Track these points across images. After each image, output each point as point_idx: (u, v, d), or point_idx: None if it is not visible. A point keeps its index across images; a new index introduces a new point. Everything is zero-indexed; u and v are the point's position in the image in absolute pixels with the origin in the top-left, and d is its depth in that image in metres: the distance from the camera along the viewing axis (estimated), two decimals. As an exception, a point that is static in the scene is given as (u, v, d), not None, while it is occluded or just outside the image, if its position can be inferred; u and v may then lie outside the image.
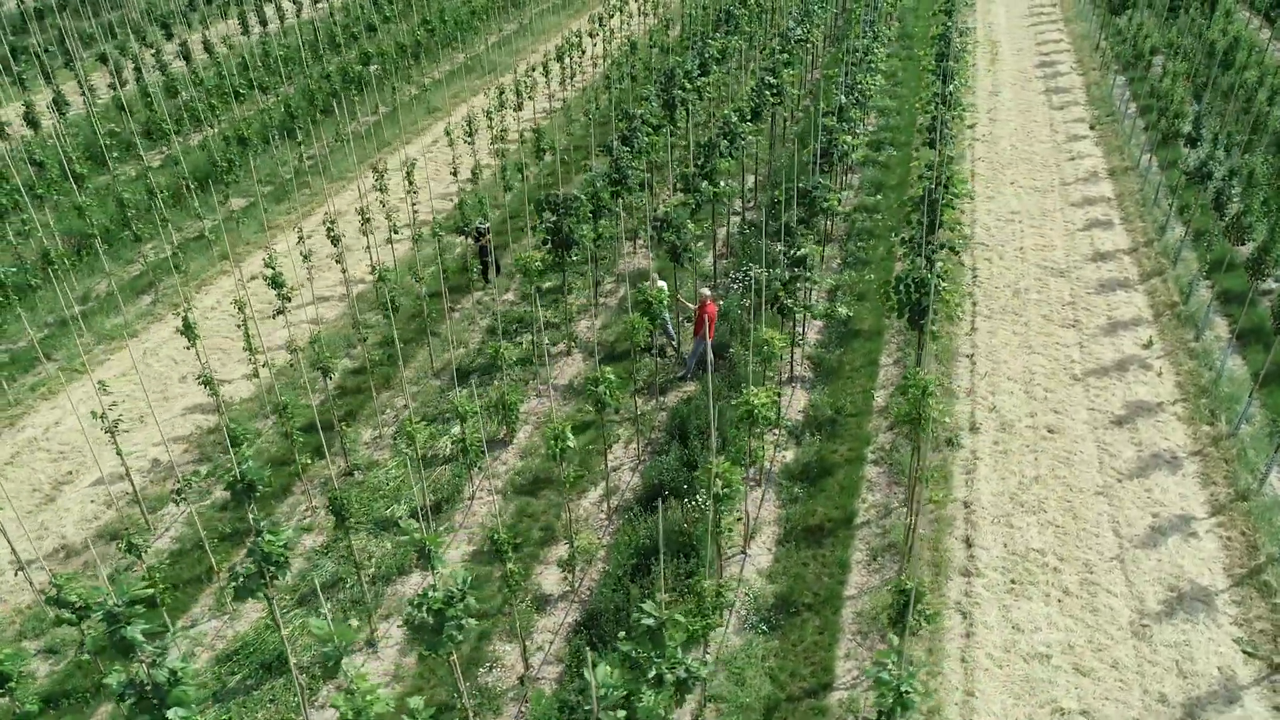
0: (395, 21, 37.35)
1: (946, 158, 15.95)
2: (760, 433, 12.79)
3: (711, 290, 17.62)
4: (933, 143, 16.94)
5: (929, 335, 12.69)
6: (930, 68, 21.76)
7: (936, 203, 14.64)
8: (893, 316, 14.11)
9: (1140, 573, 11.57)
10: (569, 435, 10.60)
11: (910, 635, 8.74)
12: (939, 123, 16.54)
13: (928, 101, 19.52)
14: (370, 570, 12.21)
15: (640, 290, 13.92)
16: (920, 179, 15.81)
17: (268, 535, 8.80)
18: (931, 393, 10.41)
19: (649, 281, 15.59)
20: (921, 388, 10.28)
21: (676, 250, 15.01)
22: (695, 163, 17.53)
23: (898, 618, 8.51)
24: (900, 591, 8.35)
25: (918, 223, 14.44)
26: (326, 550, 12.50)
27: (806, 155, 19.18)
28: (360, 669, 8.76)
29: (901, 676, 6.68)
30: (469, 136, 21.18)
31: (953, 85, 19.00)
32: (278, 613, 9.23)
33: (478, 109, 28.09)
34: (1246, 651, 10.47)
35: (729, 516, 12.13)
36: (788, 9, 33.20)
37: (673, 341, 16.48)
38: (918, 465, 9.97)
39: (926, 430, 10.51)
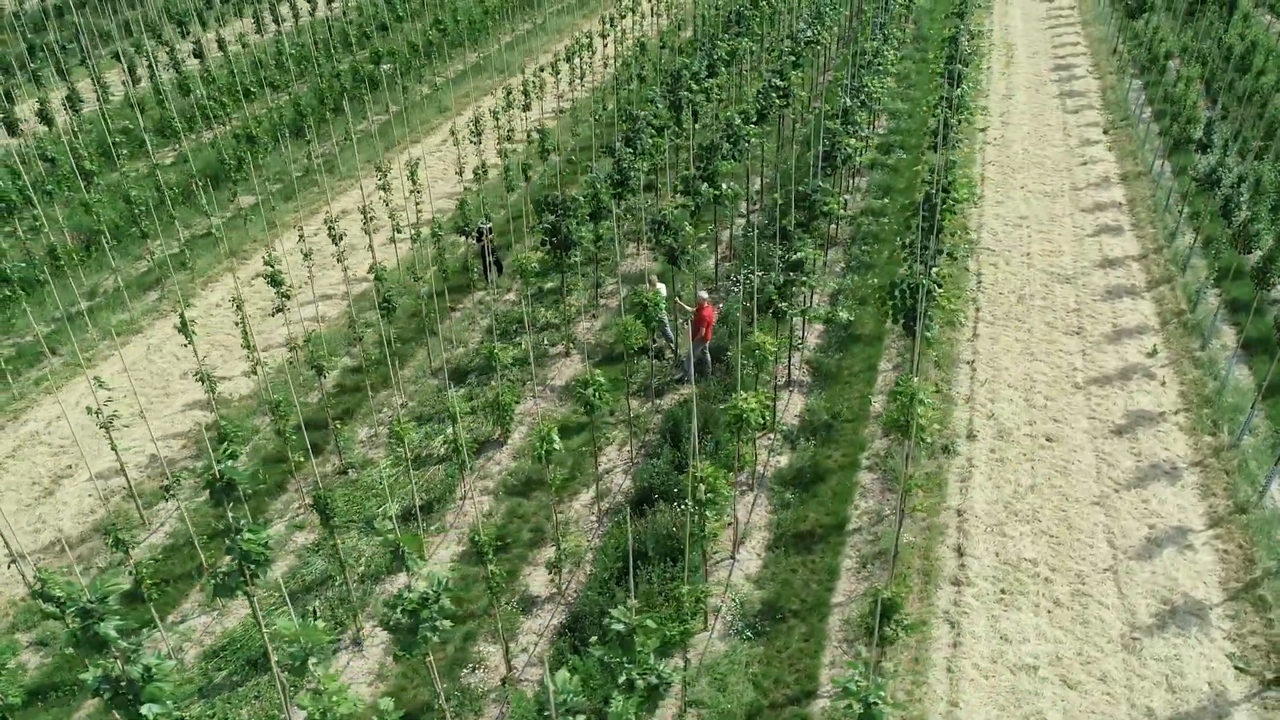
0: (408, 21, 37.51)
1: (950, 162, 15.79)
2: (750, 437, 12.70)
3: (710, 293, 17.56)
4: (938, 146, 16.80)
5: (924, 341, 12.57)
6: (939, 71, 21.60)
7: (937, 208, 14.52)
8: (887, 321, 14.01)
9: (1133, 585, 11.42)
10: (555, 437, 10.59)
11: (887, 645, 8.66)
12: (942, 126, 16.40)
13: (934, 105, 19.37)
14: (360, 569, 12.26)
15: (636, 293, 13.90)
16: (923, 184, 15.68)
17: (247, 534, 8.86)
18: (921, 400, 10.32)
19: (647, 284, 15.56)
20: (910, 395, 10.19)
21: (674, 252, 14.96)
22: (697, 165, 17.48)
23: (873, 628, 8.42)
24: (876, 601, 8.27)
25: (917, 228, 14.33)
26: (317, 548, 12.57)
27: (812, 158, 19.08)
28: (328, 669, 8.79)
29: (869, 687, 6.62)
30: (475, 136, 21.23)
31: (959, 89, 18.83)
32: (259, 611, 9.27)
33: (488, 109, 28.14)
34: (1238, 667, 10.30)
35: (715, 522, 12.05)
36: (800, 11, 33.05)
37: (671, 344, 16.44)
38: (905, 473, 9.87)
39: (915, 437, 10.43)
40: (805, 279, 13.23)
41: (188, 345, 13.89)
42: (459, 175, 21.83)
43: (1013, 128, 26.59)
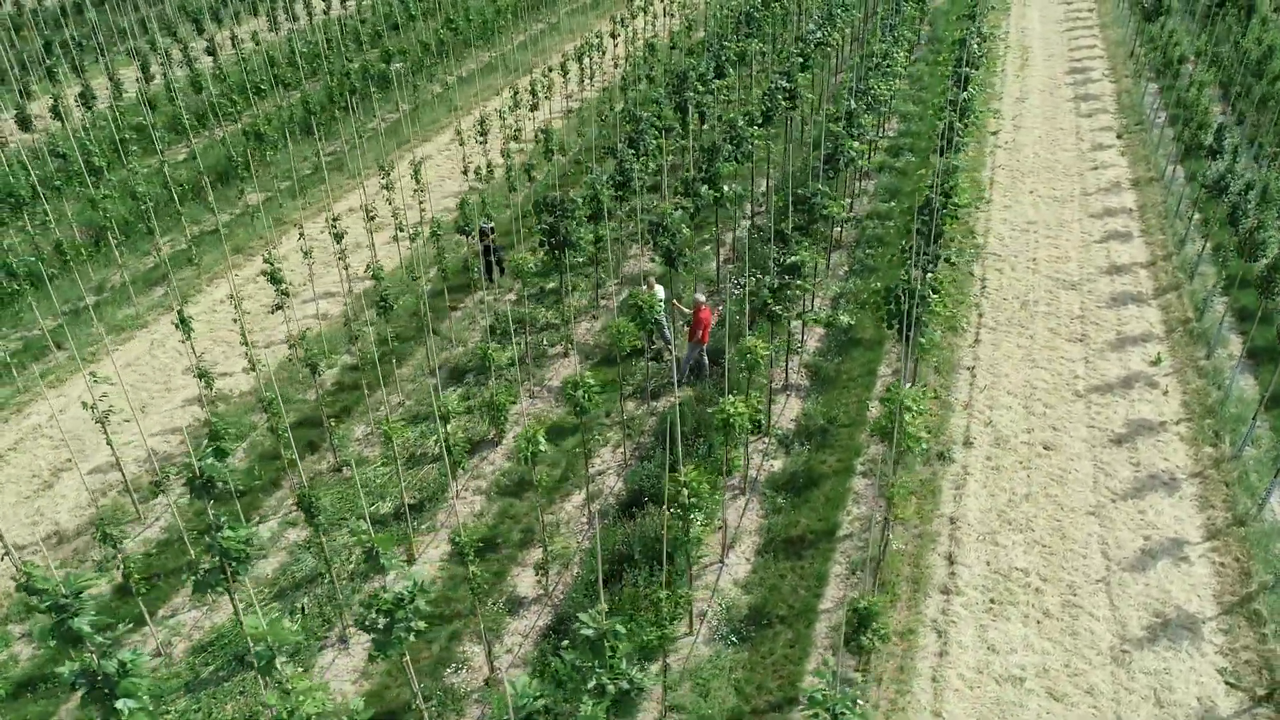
0: (420, 20, 37.65)
1: (953, 166, 15.65)
2: (738, 441, 12.66)
3: (710, 296, 17.51)
4: (943, 150, 16.67)
5: (918, 347, 12.48)
6: (947, 73, 21.44)
7: (937, 212, 14.40)
8: (883, 326, 13.90)
9: (1126, 597, 11.27)
10: (541, 439, 10.58)
11: (864, 654, 8.60)
12: (947, 129, 16.27)
13: (939, 108, 19.22)
14: (350, 566, 12.31)
15: (632, 295, 13.87)
16: (928, 188, 15.55)
17: (227, 531, 8.92)
18: (909, 407, 10.24)
19: (645, 286, 15.53)
20: (898, 402, 10.11)
21: (672, 254, 14.93)
22: (698, 167, 17.43)
23: (850, 636, 8.37)
24: (852, 610, 8.21)
25: (917, 233, 14.22)
26: (308, 545, 12.63)
27: (817, 161, 18.96)
28: (313, 667, 8.78)
29: (836, 697, 6.56)
30: (481, 136, 21.27)
31: (966, 92, 18.66)
32: (239, 608, 9.34)
33: (498, 108, 28.19)
34: (1229, 683, 10.15)
35: (700, 527, 12.00)
36: (812, 12, 32.88)
37: (670, 346, 16.40)
38: (891, 480, 9.80)
39: (902, 444, 10.34)
40: (800, 283, 13.13)
41: (185, 341, 13.97)
42: (465, 174, 21.87)
43: (1024, 131, 26.34)
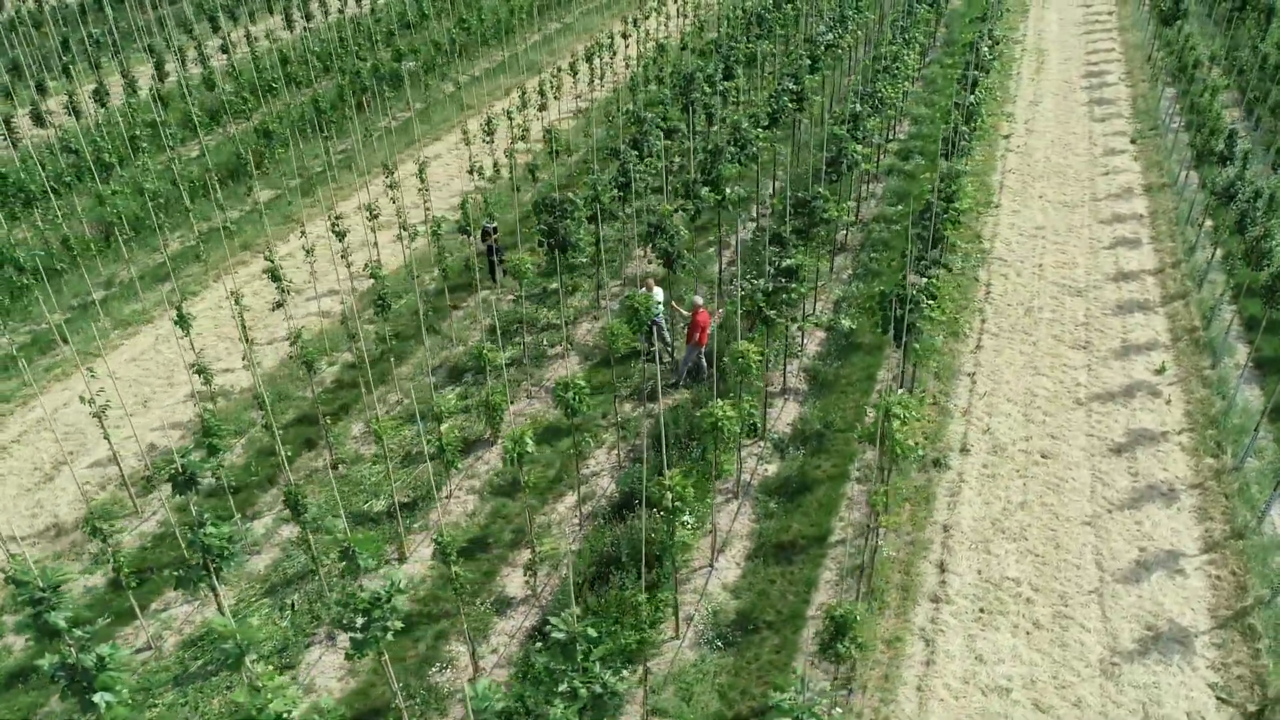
0: (433, 20, 37.80)
1: (955, 171, 15.53)
2: (728, 445, 12.60)
3: (710, 299, 17.45)
4: (948, 154, 16.55)
5: (912, 353, 12.39)
6: (957, 76, 21.27)
7: (938, 217, 14.29)
8: (879, 331, 13.81)
9: (1118, 609, 11.13)
10: (528, 440, 10.58)
11: (840, 662, 8.54)
12: (952, 133, 16.14)
13: (945, 112, 19.07)
14: (342, 563, 12.35)
15: (629, 297, 13.85)
16: (927, 192, 15.44)
17: (210, 528, 8.98)
18: (896, 414, 10.16)
19: (644, 287, 15.52)
20: (884, 408, 10.04)
21: (670, 256, 14.89)
22: (701, 169, 17.39)
23: (827, 644, 8.32)
24: (829, 618, 8.16)
25: (909, 237, 14.12)
26: (300, 542, 12.68)
27: (820, 163, 18.86)
28: (264, 668, 8.79)
29: (802, 705, 6.52)
30: (487, 136, 21.33)
31: (973, 96, 18.50)
32: (224, 604, 9.41)
33: (501, 109, 28.27)
34: (1220, 698, 10.00)
35: (688, 531, 11.97)
36: (823, 13, 32.73)
37: (669, 348, 16.37)
38: (874, 488, 9.73)
39: (890, 452, 10.26)
40: (795, 286, 13.07)
41: (185, 337, 14.08)
42: (470, 174, 21.94)
43: (1037, 135, 26.10)
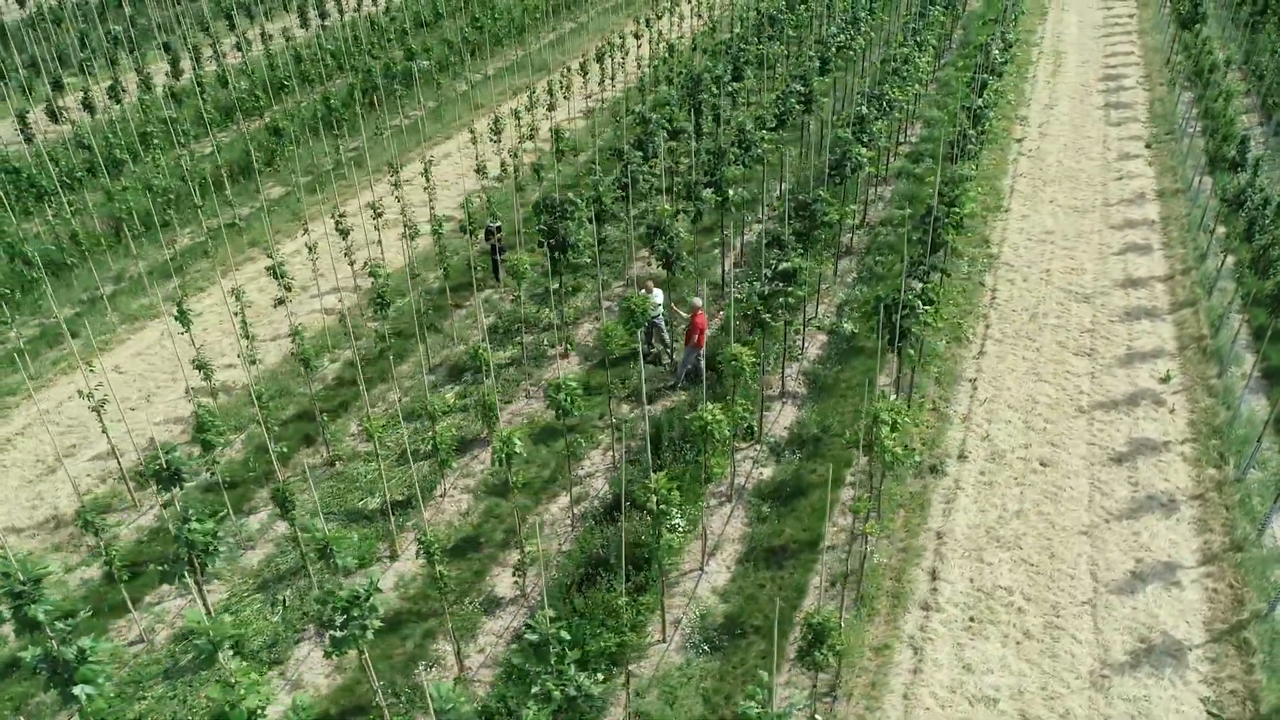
0: (447, 18, 37.93)
1: (959, 175, 15.40)
2: (718, 449, 12.55)
3: (713, 301, 17.40)
4: (953, 158, 16.41)
5: (907, 359, 12.29)
6: (966, 80, 21.10)
7: (938, 221, 14.18)
8: (875, 337, 13.72)
9: (1111, 620, 11.00)
10: (516, 441, 10.59)
11: (818, 670, 8.49)
12: (959, 137, 16.01)
13: (952, 115, 18.93)
14: (319, 562, 12.41)
15: (626, 298, 13.84)
16: (928, 196, 15.32)
17: (194, 523, 9.05)
18: (885, 420, 10.09)
19: (644, 289, 15.49)
20: (872, 414, 9.97)
21: (669, 258, 14.86)
22: (704, 170, 17.34)
23: (805, 651, 8.26)
24: (807, 625, 8.10)
25: (919, 241, 14.02)
26: (293, 538, 12.77)
27: (824, 166, 18.76)
28: (235, 664, 8.72)
29: (771, 715, 6.48)
30: (495, 136, 21.37)
31: (981, 99, 18.34)
32: (206, 599, 9.48)
33: (509, 109, 28.33)
34: (1211, 713, 9.86)
35: (671, 535, 11.92)
36: (836, 15, 32.57)
37: (668, 349, 16.34)
38: (861, 494, 9.66)
39: (879, 459, 10.20)
40: (792, 289, 13.00)
41: (184, 333, 14.21)
42: (477, 173, 22.00)
43: (1050, 139, 25.84)
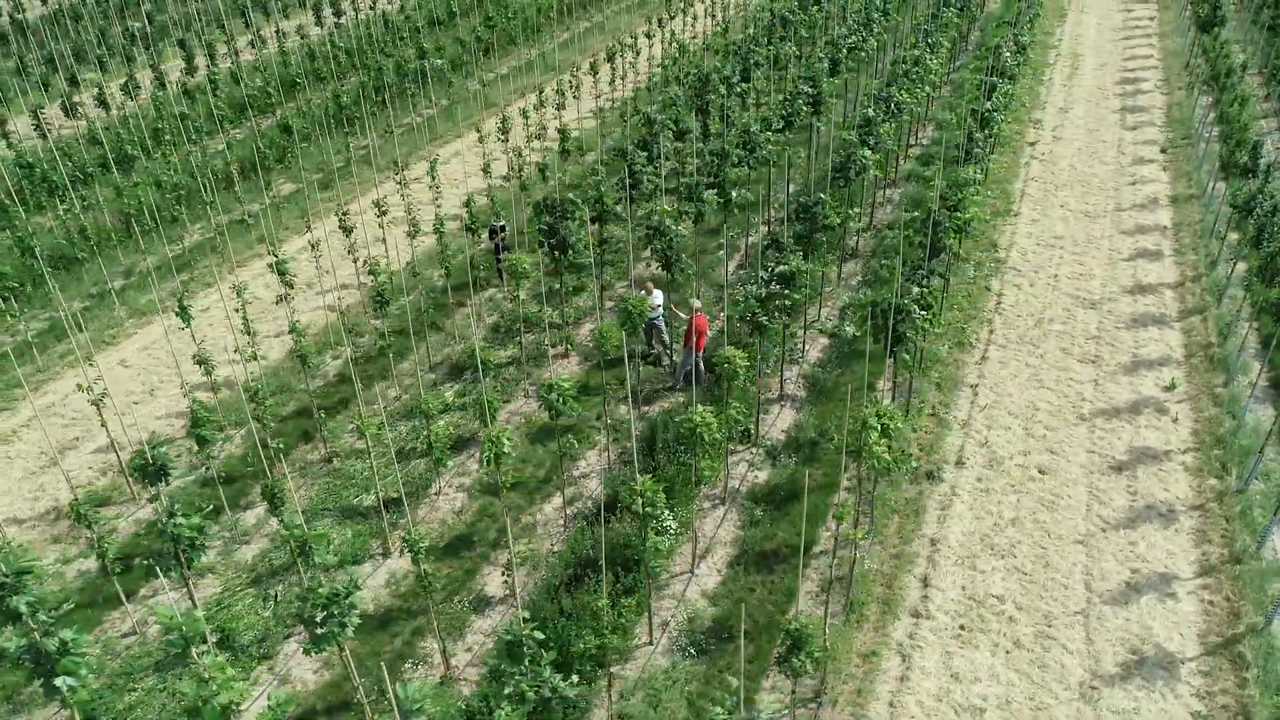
0: (461, 17, 38.05)
1: (963, 179, 15.27)
2: (708, 451, 12.51)
3: (715, 303, 17.35)
4: (960, 161, 16.28)
5: (901, 364, 12.20)
6: (977, 82, 20.93)
7: (939, 225, 14.08)
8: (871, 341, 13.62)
9: (1103, 631, 10.87)
10: (504, 440, 10.60)
11: (796, 677, 8.43)
12: (965, 140, 15.88)
13: (960, 118, 18.78)
14: (299, 558, 12.49)
15: (624, 299, 13.83)
16: (930, 200, 15.21)
17: (180, 519, 9.13)
18: (874, 426, 10.02)
19: (644, 290, 15.48)
20: (862, 420, 9.90)
21: (669, 259, 14.84)
22: (707, 171, 17.30)
23: (783, 657, 8.22)
24: (786, 632, 8.06)
25: (919, 245, 13.92)
26: (288, 534, 12.84)
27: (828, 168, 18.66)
28: (211, 658, 8.76)
29: (738, 718, 6.45)
30: (502, 135, 21.42)
31: (990, 103, 18.19)
32: (194, 594, 9.55)
33: (518, 109, 28.37)
34: (1202, 727, 9.72)
35: (662, 536, 11.88)
36: (848, 16, 32.40)
37: (668, 350, 16.31)
38: (841, 500, 9.61)
39: (867, 464, 10.13)
40: (790, 292, 12.94)
41: (185, 328, 14.34)
42: (484, 173, 22.06)
43: (1064, 143, 25.58)
